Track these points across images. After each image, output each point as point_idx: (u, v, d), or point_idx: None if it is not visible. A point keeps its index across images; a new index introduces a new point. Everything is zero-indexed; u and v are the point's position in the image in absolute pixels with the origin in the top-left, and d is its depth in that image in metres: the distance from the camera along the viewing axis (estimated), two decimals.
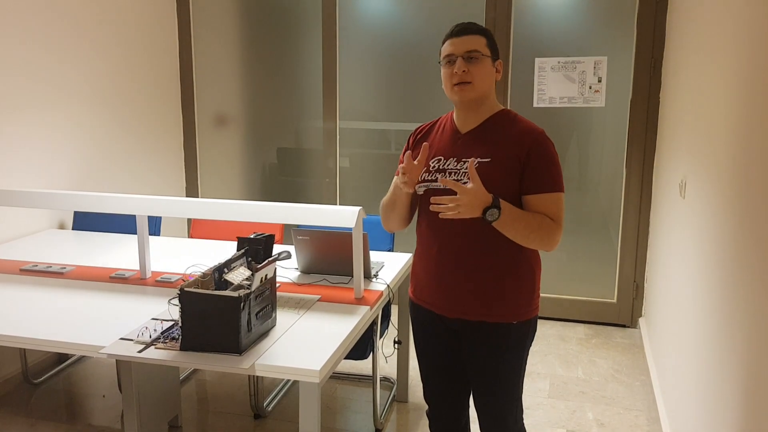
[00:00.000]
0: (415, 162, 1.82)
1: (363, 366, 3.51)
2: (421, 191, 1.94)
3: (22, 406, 3.10)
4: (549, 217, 1.83)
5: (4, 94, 3.21)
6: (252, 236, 2.29)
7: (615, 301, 4.17)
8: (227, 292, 1.92)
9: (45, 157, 3.47)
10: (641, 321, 4.07)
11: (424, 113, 4.34)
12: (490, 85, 1.89)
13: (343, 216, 2.38)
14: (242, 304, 1.92)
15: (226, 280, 2.07)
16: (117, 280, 2.68)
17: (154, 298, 2.47)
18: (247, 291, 1.95)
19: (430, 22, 4.24)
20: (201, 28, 4.63)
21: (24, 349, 3.32)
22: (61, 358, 3.57)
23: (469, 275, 1.88)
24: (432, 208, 1.77)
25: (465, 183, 1.83)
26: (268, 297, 2.08)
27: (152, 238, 3.35)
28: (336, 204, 4.57)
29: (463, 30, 1.87)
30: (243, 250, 2.23)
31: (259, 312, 2.03)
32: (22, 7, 3.27)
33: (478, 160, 1.84)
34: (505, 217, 1.76)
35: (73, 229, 3.64)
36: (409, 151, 1.83)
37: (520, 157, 1.82)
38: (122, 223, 3.54)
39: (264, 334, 2.09)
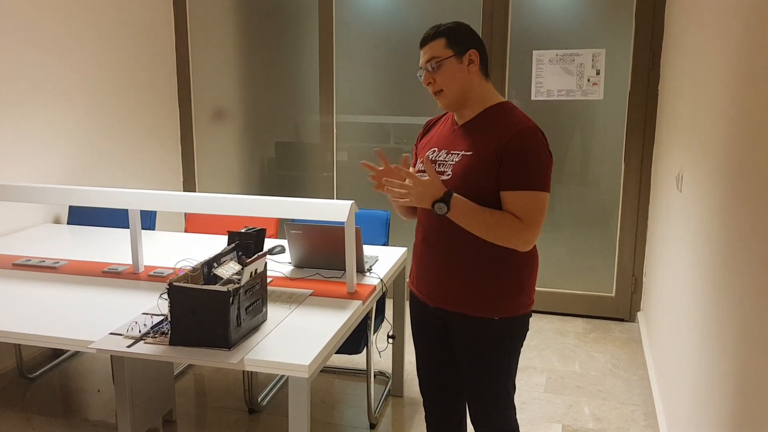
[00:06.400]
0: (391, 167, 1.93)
1: (359, 360, 3.50)
2: None
3: (17, 400, 3.10)
4: (517, 215, 1.76)
5: (2, 89, 3.20)
6: (243, 230, 2.28)
7: (613, 295, 4.15)
8: (216, 287, 1.91)
9: (42, 153, 3.46)
10: (639, 315, 4.05)
11: (422, 107, 4.31)
12: (465, 82, 1.84)
13: (335, 210, 2.36)
14: (231, 299, 1.90)
15: (215, 275, 2.06)
16: (110, 274, 2.67)
17: (146, 293, 2.45)
18: (237, 286, 1.93)
19: (427, 14, 4.21)
20: (197, 21, 4.61)
21: (19, 344, 3.31)
22: (57, 352, 3.56)
23: (449, 266, 1.88)
24: (385, 189, 1.85)
25: (448, 175, 1.84)
26: (258, 292, 2.07)
27: (147, 233, 3.33)
28: (333, 198, 4.55)
29: (422, 41, 1.88)
30: (233, 245, 2.22)
31: (249, 307, 2.02)
32: (16, 2, 3.25)
33: (462, 152, 1.84)
34: (456, 212, 1.76)
35: (68, 223, 3.63)
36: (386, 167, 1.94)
37: (497, 151, 1.78)
38: (117, 218, 3.53)
39: (254, 329, 2.08)
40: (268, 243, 3.09)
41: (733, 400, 1.61)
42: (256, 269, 2.04)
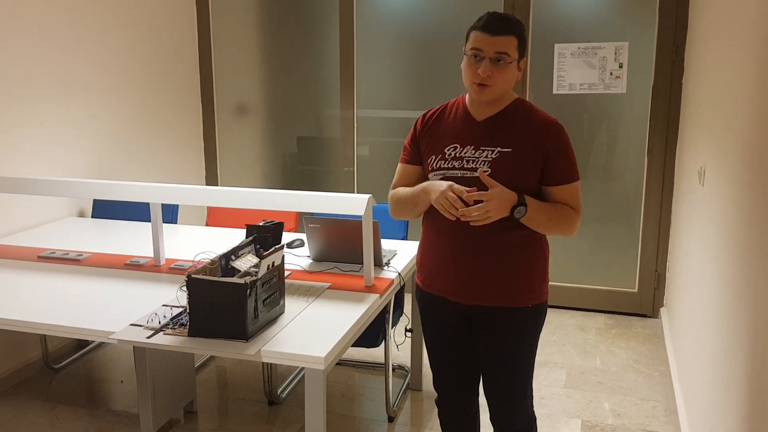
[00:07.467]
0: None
1: (379, 354, 3.51)
2: (436, 179, 1.91)
3: (42, 390, 3.16)
4: (569, 205, 1.87)
5: (27, 86, 3.25)
6: (261, 224, 2.30)
7: (636, 290, 4.11)
8: (233, 279, 1.93)
9: (66, 150, 3.52)
10: (662, 311, 4.00)
11: (443, 101, 4.28)
12: (510, 86, 1.87)
13: (353, 204, 2.37)
14: (248, 291, 1.92)
15: (233, 267, 2.08)
16: (132, 267, 2.71)
17: (167, 285, 2.49)
18: (254, 278, 1.95)
19: (449, 6, 4.19)
20: (219, 16, 4.64)
21: (44, 335, 3.38)
22: (81, 344, 3.63)
23: (485, 262, 1.87)
24: (462, 218, 1.75)
25: (486, 171, 1.82)
26: (275, 284, 2.09)
27: (169, 226, 3.38)
28: (354, 192, 4.56)
29: (497, 28, 1.78)
30: (251, 238, 2.24)
31: (266, 299, 2.03)
32: None
33: (498, 149, 1.83)
34: (531, 212, 1.80)
35: (92, 217, 3.69)
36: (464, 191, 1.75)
37: (542, 149, 1.82)
38: (140, 211, 3.57)
39: (272, 321, 2.10)
40: (288, 236, 3.11)
41: (754, 398, 1.58)
42: (273, 262, 2.05)
